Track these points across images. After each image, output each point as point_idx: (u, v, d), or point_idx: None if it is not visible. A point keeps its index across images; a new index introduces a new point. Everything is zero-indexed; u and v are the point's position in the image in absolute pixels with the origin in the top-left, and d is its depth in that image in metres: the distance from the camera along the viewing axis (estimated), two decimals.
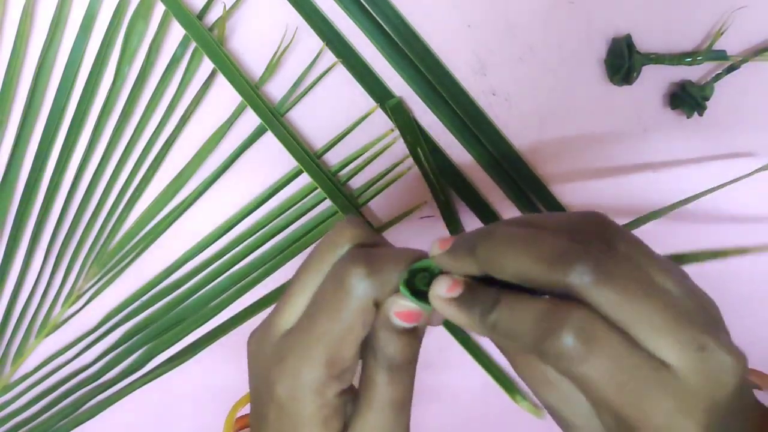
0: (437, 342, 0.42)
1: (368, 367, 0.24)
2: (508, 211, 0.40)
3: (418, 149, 0.38)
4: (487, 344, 0.42)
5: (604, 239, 0.21)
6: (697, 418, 0.20)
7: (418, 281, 0.24)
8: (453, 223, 0.40)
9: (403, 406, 0.25)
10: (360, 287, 0.23)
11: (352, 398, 0.25)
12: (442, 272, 0.24)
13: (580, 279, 0.20)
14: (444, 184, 0.40)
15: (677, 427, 0.20)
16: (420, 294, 0.24)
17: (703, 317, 0.21)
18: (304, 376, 0.24)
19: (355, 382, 0.26)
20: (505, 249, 0.21)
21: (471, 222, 0.40)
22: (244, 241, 0.41)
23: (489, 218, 0.40)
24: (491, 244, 0.22)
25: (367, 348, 0.25)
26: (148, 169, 0.40)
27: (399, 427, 0.25)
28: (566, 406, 0.23)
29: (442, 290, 0.23)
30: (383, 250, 0.24)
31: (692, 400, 0.20)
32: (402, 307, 0.24)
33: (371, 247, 0.25)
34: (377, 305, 0.24)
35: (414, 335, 0.25)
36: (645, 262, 0.21)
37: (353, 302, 0.23)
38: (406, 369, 0.25)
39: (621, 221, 0.40)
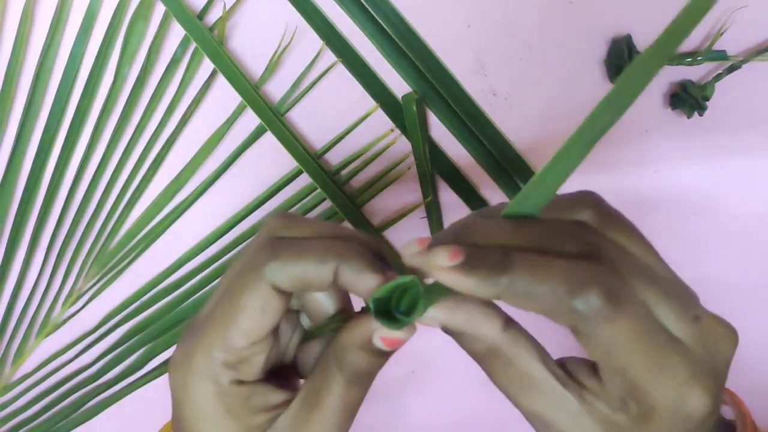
0: (435, 340, 0.42)
1: (327, 372, 0.23)
2: None
3: (425, 147, 0.38)
4: None
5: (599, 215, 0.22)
6: (705, 386, 0.20)
7: (393, 300, 0.22)
8: (437, 227, 0.40)
9: (353, 411, 0.24)
10: (259, 271, 0.22)
11: (267, 391, 0.24)
12: (414, 285, 0.22)
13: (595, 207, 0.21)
14: (435, 185, 0.40)
15: (689, 395, 0.20)
16: (390, 313, 0.22)
17: (686, 292, 0.22)
18: (195, 359, 0.23)
19: None
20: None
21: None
22: (244, 241, 0.41)
23: None
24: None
25: (329, 353, 0.24)
26: (148, 170, 0.40)
27: (345, 428, 0.24)
28: (552, 408, 0.22)
29: (442, 260, 0.21)
30: (296, 242, 0.23)
31: (700, 369, 0.20)
32: (390, 335, 0.23)
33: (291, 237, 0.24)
34: (284, 292, 0.23)
35: (387, 354, 0.24)
36: (635, 242, 0.22)
37: (253, 285, 0.22)
38: (367, 379, 0.24)
39: None
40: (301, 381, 0.27)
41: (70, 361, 0.42)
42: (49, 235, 0.40)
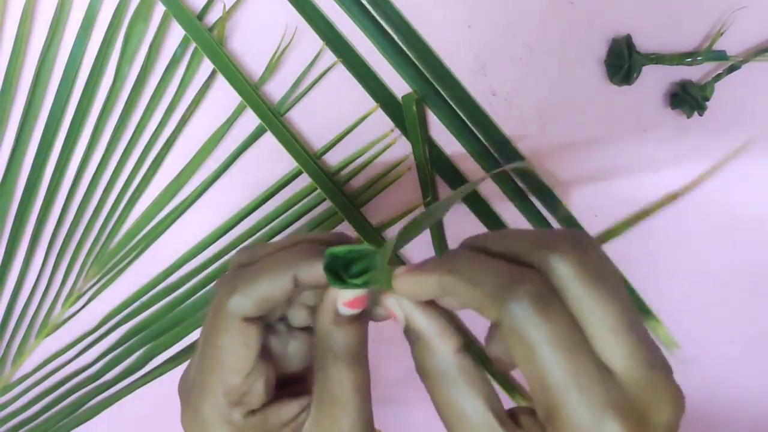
0: None
1: (326, 365, 0.24)
2: (508, 210, 0.40)
3: (425, 147, 0.38)
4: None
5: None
6: (631, 427, 0.19)
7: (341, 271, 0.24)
8: (436, 227, 0.40)
9: (367, 389, 0.25)
10: (225, 310, 0.23)
11: (281, 407, 0.25)
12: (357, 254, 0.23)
13: (561, 262, 0.20)
14: (435, 185, 0.40)
15: (605, 426, 0.19)
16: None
17: (653, 345, 0.21)
18: (205, 412, 0.24)
19: None
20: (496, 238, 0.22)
21: (468, 222, 0.40)
22: (244, 241, 0.41)
23: (489, 218, 0.40)
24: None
25: (319, 351, 0.24)
26: (148, 170, 0.40)
27: (367, 409, 0.24)
28: None
29: (402, 269, 0.23)
30: (249, 268, 0.24)
31: (631, 408, 0.19)
32: (349, 296, 0.24)
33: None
34: (256, 320, 0.24)
35: (363, 318, 0.25)
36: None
37: (225, 325, 0.23)
38: (363, 352, 0.25)
39: (620, 220, 0.40)
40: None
41: (70, 361, 0.43)
42: (49, 235, 0.40)
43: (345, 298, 0.24)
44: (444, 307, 0.24)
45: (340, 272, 0.23)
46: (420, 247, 0.41)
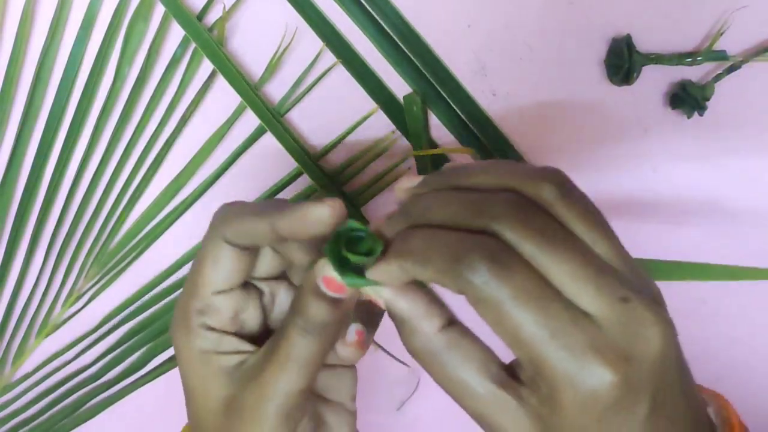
0: None
1: (287, 318, 0.24)
2: None
3: (426, 147, 0.38)
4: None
5: (549, 190, 0.21)
6: (610, 361, 0.19)
7: (351, 254, 0.23)
8: None
9: (309, 365, 0.24)
10: (211, 227, 0.25)
11: (242, 342, 0.25)
12: (369, 240, 0.23)
13: (503, 227, 0.20)
14: None
15: (587, 368, 0.19)
16: (351, 266, 0.23)
17: (631, 277, 0.21)
18: (176, 311, 0.26)
19: None
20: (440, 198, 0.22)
21: None
22: None
23: None
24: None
25: (290, 307, 0.25)
26: (148, 170, 0.40)
27: (298, 386, 0.24)
28: (492, 410, 0.22)
29: (406, 184, 0.25)
30: (247, 203, 0.26)
31: (611, 347, 0.19)
32: (330, 274, 0.23)
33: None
34: (239, 247, 0.25)
35: (340, 304, 0.24)
36: (579, 221, 0.21)
37: (206, 242, 0.25)
38: (322, 332, 0.24)
39: (620, 220, 0.40)
40: None
41: (70, 361, 0.43)
42: (49, 235, 0.40)
43: (326, 274, 0.23)
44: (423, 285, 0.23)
45: (343, 250, 0.23)
46: None
